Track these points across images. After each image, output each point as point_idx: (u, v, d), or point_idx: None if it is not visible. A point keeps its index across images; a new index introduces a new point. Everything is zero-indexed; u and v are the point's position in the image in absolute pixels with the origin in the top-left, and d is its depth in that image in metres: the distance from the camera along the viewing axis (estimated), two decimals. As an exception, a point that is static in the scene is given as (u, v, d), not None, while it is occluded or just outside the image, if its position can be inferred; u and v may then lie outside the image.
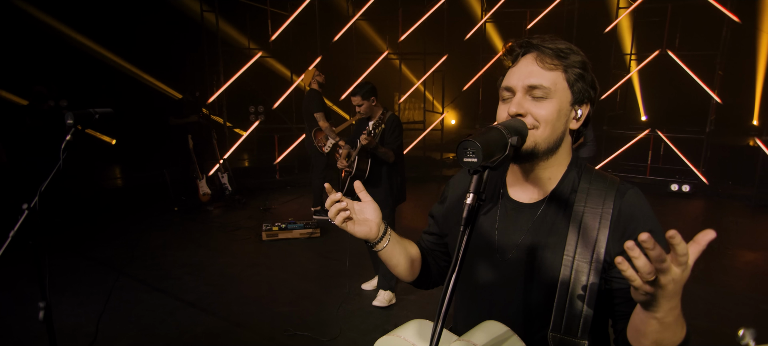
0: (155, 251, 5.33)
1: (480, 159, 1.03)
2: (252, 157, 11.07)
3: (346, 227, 1.26)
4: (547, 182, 1.24)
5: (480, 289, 1.27)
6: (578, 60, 1.18)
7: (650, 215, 1.15)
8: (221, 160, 7.61)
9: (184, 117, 7.20)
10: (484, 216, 1.31)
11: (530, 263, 1.19)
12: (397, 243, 1.35)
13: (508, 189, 1.31)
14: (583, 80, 1.18)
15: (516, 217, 1.25)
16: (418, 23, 9.92)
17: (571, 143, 1.26)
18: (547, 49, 1.18)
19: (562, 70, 1.16)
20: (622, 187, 1.19)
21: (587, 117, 1.24)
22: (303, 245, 5.62)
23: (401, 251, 1.36)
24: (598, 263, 1.11)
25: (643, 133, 8.60)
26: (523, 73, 1.18)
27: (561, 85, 1.16)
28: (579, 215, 1.16)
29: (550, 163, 1.23)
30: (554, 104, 1.15)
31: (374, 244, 1.31)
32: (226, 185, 7.42)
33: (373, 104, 4.03)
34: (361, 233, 1.28)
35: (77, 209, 6.84)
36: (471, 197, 1.06)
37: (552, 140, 1.18)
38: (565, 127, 1.20)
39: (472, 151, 1.06)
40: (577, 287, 1.11)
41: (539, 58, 1.17)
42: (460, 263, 1.02)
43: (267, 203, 7.38)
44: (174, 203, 7.06)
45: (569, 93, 1.18)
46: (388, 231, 1.32)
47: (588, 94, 1.20)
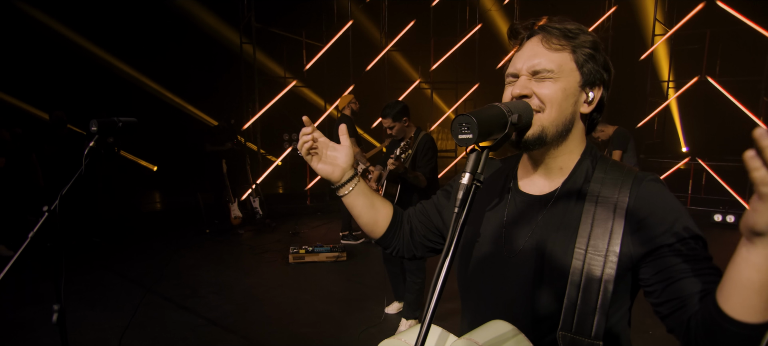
0: (184, 271, 5.36)
1: (475, 135, 0.93)
2: (285, 184, 11.19)
3: (309, 161, 1.33)
4: (558, 172, 1.13)
5: (486, 287, 1.15)
6: (588, 40, 1.08)
7: (673, 205, 1.01)
8: (254, 185, 7.69)
9: (219, 144, 7.36)
10: (492, 211, 1.20)
11: (539, 258, 1.07)
12: (362, 196, 1.36)
13: (519, 182, 1.20)
14: (594, 61, 1.08)
15: (525, 210, 1.14)
16: (450, 52, 9.93)
17: (583, 130, 1.15)
18: (553, 29, 1.08)
19: (569, 51, 1.07)
20: (640, 175, 1.06)
21: (601, 102, 1.13)
22: (329, 268, 5.53)
23: (365, 204, 1.37)
24: (613, 256, 0.98)
25: (683, 161, 8.19)
26: (527, 55, 1.09)
27: (568, 66, 1.07)
28: (592, 206, 1.03)
29: (561, 152, 1.12)
30: (560, 84, 1.06)
31: (336, 188, 1.35)
32: (257, 209, 7.47)
33: (406, 125, 3.74)
34: (322, 171, 1.33)
35: (115, 231, 7.01)
36: (467, 177, 0.96)
37: (560, 123, 1.07)
38: (574, 110, 1.09)
39: (466, 126, 0.96)
40: (590, 283, 0.98)
41: (545, 39, 1.08)
42: (453, 248, 0.93)
43: (296, 227, 7.36)
44: (206, 225, 7.14)
45: (578, 74, 1.07)
46: (354, 181, 1.34)
47: (600, 76, 1.09)
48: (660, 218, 0.98)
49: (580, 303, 0.98)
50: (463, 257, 1.22)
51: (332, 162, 1.33)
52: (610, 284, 0.97)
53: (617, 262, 0.98)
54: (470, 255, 1.19)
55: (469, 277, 1.20)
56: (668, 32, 8.52)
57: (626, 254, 0.99)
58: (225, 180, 7.16)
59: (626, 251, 0.99)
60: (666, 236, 0.96)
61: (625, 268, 1.00)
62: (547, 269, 1.05)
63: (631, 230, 0.99)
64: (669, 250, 0.95)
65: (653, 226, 0.98)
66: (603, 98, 1.12)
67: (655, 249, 0.96)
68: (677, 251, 0.95)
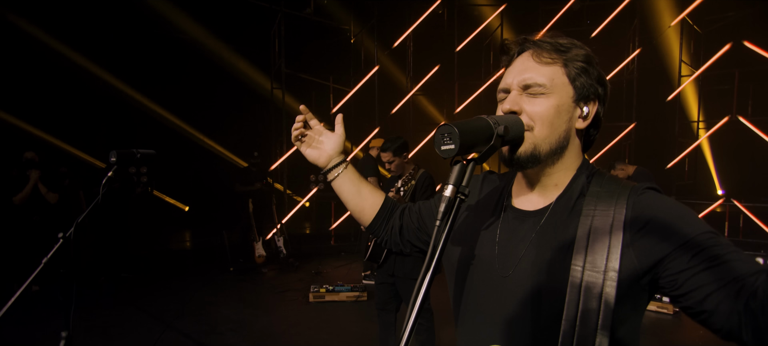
0: (205, 308, 5.32)
1: (457, 146, 0.87)
2: (312, 225, 11.20)
3: (298, 146, 1.41)
4: (553, 188, 1.06)
5: (481, 310, 1.06)
6: (581, 54, 1.03)
7: (675, 208, 0.92)
8: (279, 224, 7.70)
9: (249, 184, 7.47)
10: (486, 229, 1.12)
11: (534, 277, 0.98)
12: (349, 183, 1.38)
13: (513, 199, 1.13)
14: (587, 75, 1.02)
15: (518, 227, 1.06)
16: (474, 95, 9.94)
17: (580, 146, 1.08)
18: (544, 43, 1.04)
19: (561, 65, 1.02)
20: (637, 187, 0.98)
21: (597, 117, 1.06)
22: (349, 308, 5.39)
23: (351, 191, 1.39)
24: (612, 273, 0.88)
25: (717, 203, 7.79)
26: (517, 69, 1.04)
27: (560, 80, 1.01)
28: (588, 220, 0.95)
29: (557, 169, 1.05)
30: (552, 100, 1.00)
31: (324, 173, 1.39)
32: (281, 248, 7.44)
33: (405, 161, 3.73)
34: (309, 156, 1.39)
35: (143, 267, 7.09)
36: (449, 189, 0.90)
37: (554, 140, 1.01)
38: (568, 126, 1.02)
39: (448, 137, 0.90)
40: (589, 302, 0.89)
41: (536, 53, 1.03)
42: (436, 261, 0.86)
43: (319, 266, 7.28)
44: (231, 263, 7.15)
45: (571, 89, 1.02)
46: (341, 167, 1.37)
47: (594, 90, 1.03)
48: (665, 223, 0.89)
49: (580, 324, 0.88)
50: (457, 277, 1.13)
51: (319, 147, 1.39)
52: (610, 302, 0.87)
53: (617, 278, 0.88)
54: (464, 276, 1.11)
55: (463, 298, 1.11)
56: (695, 73, 8.31)
57: (628, 267, 0.89)
58: (251, 219, 7.21)
59: (628, 264, 0.89)
60: (677, 237, 0.86)
61: (629, 283, 0.90)
62: (543, 289, 0.96)
63: (631, 241, 0.90)
64: (687, 247, 0.85)
65: (659, 231, 0.89)
66: (599, 113, 1.06)
67: (670, 252, 0.86)
68: (698, 244, 0.84)
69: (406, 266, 3.44)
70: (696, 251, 0.84)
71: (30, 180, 5.50)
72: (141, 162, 2.47)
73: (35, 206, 5.65)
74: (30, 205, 5.61)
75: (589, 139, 1.10)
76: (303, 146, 1.40)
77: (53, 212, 5.82)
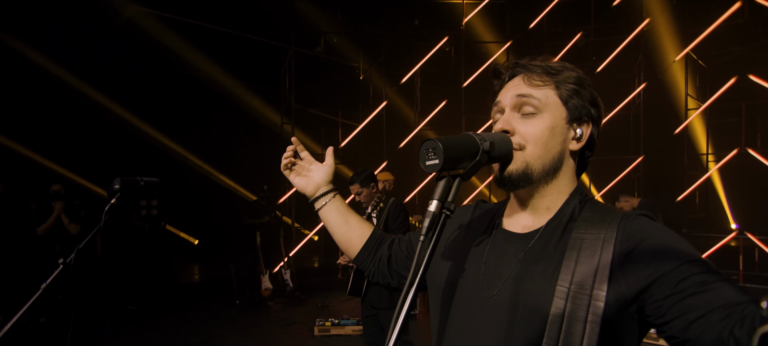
0: (210, 341, 5.25)
1: (441, 160, 0.87)
2: (320, 259, 11.11)
3: (287, 174, 1.43)
4: (545, 211, 1.03)
5: (462, 331, 1.02)
6: (572, 76, 1.03)
7: (666, 234, 0.89)
8: (286, 258, 7.66)
9: (257, 217, 7.48)
10: (475, 251, 1.09)
11: (517, 298, 0.94)
12: (336, 212, 1.38)
13: (504, 220, 1.10)
14: (579, 96, 1.01)
15: (507, 249, 1.03)
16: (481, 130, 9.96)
17: (574, 169, 1.06)
18: (535, 66, 1.04)
19: (553, 87, 1.01)
20: (630, 213, 0.96)
21: (591, 139, 1.05)
22: (354, 341, 5.29)
23: (338, 220, 1.38)
24: (600, 295, 0.85)
25: (730, 236, 7.61)
26: (510, 92, 1.04)
27: (553, 101, 1.01)
28: (578, 244, 0.92)
29: (549, 191, 1.03)
30: (545, 121, 0.99)
31: (311, 201, 1.41)
32: (288, 281, 7.37)
33: (373, 191, 3.79)
34: (297, 184, 1.42)
35: (149, 300, 7.04)
36: (434, 204, 0.89)
37: (547, 161, 1.00)
38: (562, 148, 1.01)
39: (433, 152, 0.89)
40: (573, 326, 0.85)
41: (527, 77, 1.03)
42: (419, 278, 0.84)
43: (326, 300, 7.18)
44: (237, 296, 7.08)
45: (564, 110, 1.01)
46: (329, 196, 1.38)
47: (587, 112, 1.02)
48: (655, 249, 0.86)
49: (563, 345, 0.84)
50: (442, 298, 1.10)
51: (307, 175, 1.42)
52: (596, 326, 0.83)
53: (604, 301, 0.84)
54: (449, 296, 1.07)
55: (447, 320, 1.07)
56: (701, 107, 8.28)
57: (616, 292, 0.85)
58: (258, 252, 7.19)
59: (616, 289, 0.86)
60: (666, 263, 0.83)
61: (617, 309, 0.85)
62: (526, 309, 0.92)
63: (621, 265, 0.87)
64: (675, 273, 0.81)
65: (648, 257, 0.85)
66: (593, 135, 1.05)
67: (657, 278, 0.83)
68: (686, 271, 0.81)
69: (383, 298, 3.46)
70: (683, 277, 0.80)
71: (54, 211, 5.58)
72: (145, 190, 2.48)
73: (57, 237, 5.72)
74: (52, 235, 5.67)
75: (583, 161, 1.08)
76: (292, 175, 1.44)
77: (73, 243, 5.86)
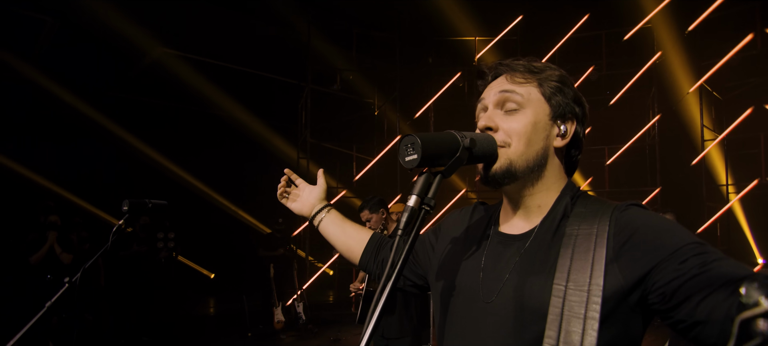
0: (220, 373, 5.18)
1: (420, 156, 0.87)
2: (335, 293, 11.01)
3: (284, 202, 1.55)
4: (536, 210, 1.03)
5: (463, 338, 1.01)
6: (555, 74, 1.04)
7: (660, 222, 0.88)
8: (299, 291, 7.60)
9: (272, 250, 7.50)
10: (472, 257, 1.08)
11: (516, 301, 0.93)
12: (333, 225, 1.45)
13: (500, 225, 1.10)
14: (562, 94, 1.02)
15: (503, 252, 1.02)
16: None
17: (561, 167, 1.05)
18: (518, 65, 1.05)
19: (536, 85, 1.02)
20: (622, 205, 0.94)
21: (577, 137, 1.05)
22: (365, 375, 5.16)
23: (336, 232, 1.44)
24: (597, 289, 0.83)
25: (757, 268, 7.31)
26: (493, 90, 1.05)
27: (535, 96, 1.02)
28: (571, 240, 0.91)
29: (538, 189, 1.02)
30: (528, 116, 1.00)
31: (310, 220, 1.49)
32: (300, 314, 7.30)
33: (383, 217, 3.72)
34: (294, 208, 1.52)
35: (163, 332, 7.03)
36: (413, 199, 0.89)
37: (531, 157, 0.99)
38: (546, 144, 1.01)
39: (411, 147, 0.90)
40: (571, 323, 0.83)
41: (510, 76, 1.05)
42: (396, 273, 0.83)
43: (339, 334, 7.07)
44: (249, 328, 7.03)
45: (547, 106, 1.02)
46: (324, 212, 1.46)
47: (571, 109, 1.03)
48: (649, 236, 0.85)
49: (562, 343, 0.82)
50: (442, 307, 1.09)
51: (301, 200, 1.52)
52: (594, 322, 0.81)
53: (602, 296, 0.82)
54: (448, 304, 1.07)
55: (447, 327, 1.06)
56: (718, 138, 8.13)
57: (613, 285, 0.84)
58: (272, 284, 7.16)
59: (613, 281, 0.84)
60: (662, 249, 0.82)
61: (615, 302, 0.84)
62: (525, 312, 0.91)
63: (615, 257, 0.85)
64: (674, 257, 0.80)
65: (643, 245, 0.84)
66: (578, 133, 1.05)
67: (656, 265, 0.81)
68: (684, 253, 0.80)
69: (393, 328, 3.29)
70: (683, 260, 0.79)
71: (47, 241, 5.66)
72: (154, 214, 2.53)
73: (50, 266, 5.77)
74: (45, 264, 5.73)
75: (571, 160, 1.08)
76: (288, 202, 1.55)
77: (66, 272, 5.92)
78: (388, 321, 3.35)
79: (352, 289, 3.88)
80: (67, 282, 2.22)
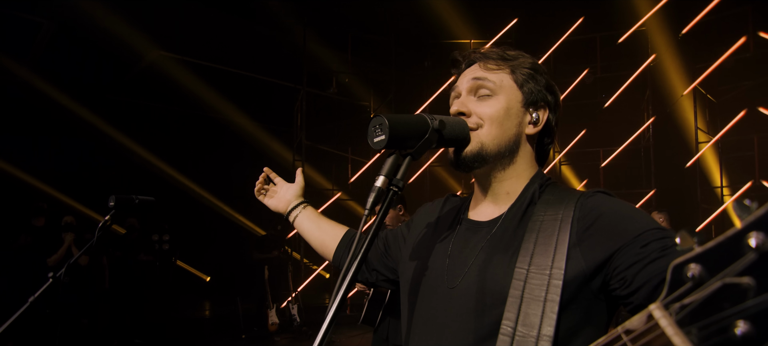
0: (212, 374, 5.13)
1: (387, 136, 0.85)
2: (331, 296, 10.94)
3: (261, 199, 1.57)
4: (505, 196, 1.02)
5: (427, 324, 0.99)
6: (528, 62, 1.04)
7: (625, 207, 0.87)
8: (294, 293, 7.56)
9: (266, 252, 7.45)
10: (441, 243, 1.07)
11: (479, 285, 0.91)
12: (308, 221, 1.45)
13: (469, 212, 1.09)
14: (534, 81, 1.02)
15: (471, 238, 1.01)
16: (489, 166, 9.92)
17: (532, 154, 1.05)
18: (492, 52, 1.06)
19: (508, 71, 1.03)
20: (588, 191, 0.93)
21: (549, 125, 1.04)
22: (358, 377, 5.12)
23: (310, 227, 1.43)
24: (558, 272, 0.81)
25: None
26: (467, 75, 1.06)
27: (508, 83, 1.02)
28: (536, 225, 0.90)
29: (508, 175, 1.01)
30: (500, 102, 1.00)
31: (285, 216, 1.50)
32: (295, 316, 7.25)
33: (400, 213, 3.60)
34: (270, 205, 1.54)
35: (157, 334, 6.98)
36: (380, 180, 0.86)
37: (502, 142, 0.99)
38: (518, 130, 1.01)
39: (380, 128, 0.88)
40: (531, 306, 0.81)
41: (483, 63, 1.05)
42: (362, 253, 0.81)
43: (333, 336, 7.02)
44: (243, 331, 6.98)
45: (519, 93, 1.02)
46: (300, 208, 1.47)
47: (543, 97, 1.03)
48: (612, 221, 0.83)
49: (520, 330, 0.80)
50: (409, 294, 1.07)
51: (278, 198, 1.53)
52: (554, 305, 0.79)
53: (563, 279, 0.80)
54: (415, 291, 1.05)
55: (413, 314, 1.04)
56: (712, 140, 8.13)
57: (575, 268, 0.82)
58: (266, 286, 7.12)
59: (575, 265, 0.82)
60: (624, 233, 0.80)
61: (577, 285, 0.82)
62: (487, 296, 0.89)
63: (578, 241, 0.84)
64: (635, 242, 0.78)
65: (605, 229, 0.83)
66: (551, 121, 1.04)
67: (617, 249, 0.80)
68: (645, 238, 0.78)
69: (397, 331, 3.18)
70: (644, 244, 0.77)
71: (64, 242, 5.62)
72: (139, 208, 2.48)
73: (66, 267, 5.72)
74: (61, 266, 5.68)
75: (542, 148, 1.07)
76: (265, 199, 1.57)
77: (82, 274, 5.88)
78: (396, 325, 3.24)
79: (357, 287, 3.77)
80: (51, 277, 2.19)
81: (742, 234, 0.46)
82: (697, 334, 0.47)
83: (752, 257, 0.45)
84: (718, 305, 0.46)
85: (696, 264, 0.49)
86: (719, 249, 0.48)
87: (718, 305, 0.46)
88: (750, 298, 0.44)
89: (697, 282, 0.49)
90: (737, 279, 0.45)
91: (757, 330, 0.43)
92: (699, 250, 0.50)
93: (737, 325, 0.44)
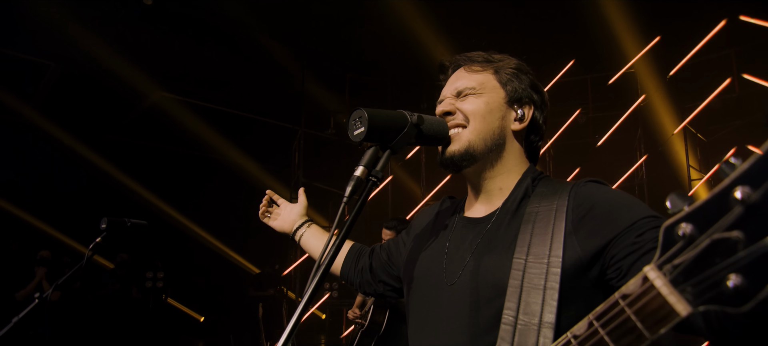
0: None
1: (366, 129, 0.86)
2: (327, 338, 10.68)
3: (266, 221, 1.61)
4: (498, 193, 1.04)
5: (429, 321, 1.01)
6: (512, 62, 1.09)
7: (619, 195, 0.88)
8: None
9: (262, 290, 7.34)
10: (436, 242, 1.09)
11: (477, 280, 0.93)
12: (313, 238, 1.47)
13: (465, 211, 1.12)
14: (518, 80, 1.06)
15: (466, 235, 1.03)
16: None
17: (521, 151, 1.06)
18: (476, 55, 1.11)
19: (492, 72, 1.07)
20: (582, 181, 0.92)
21: (535, 122, 1.07)
22: (353, 418, 4.90)
23: (316, 244, 1.45)
24: (556, 261, 0.82)
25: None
26: (451, 81, 1.10)
27: (491, 83, 1.05)
28: (532, 217, 0.91)
29: (498, 171, 1.03)
30: (483, 99, 1.03)
31: (291, 236, 1.52)
32: (289, 355, 7.04)
33: None
34: (275, 226, 1.57)
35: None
36: (359, 170, 0.86)
37: (488, 137, 1.01)
38: (502, 125, 1.03)
39: (359, 121, 0.89)
40: (531, 295, 0.81)
41: (468, 66, 1.09)
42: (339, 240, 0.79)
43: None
44: (237, 370, 6.77)
45: (502, 91, 1.05)
46: (305, 227, 1.49)
47: (528, 95, 1.06)
48: (607, 209, 0.85)
49: (521, 319, 0.80)
50: (410, 294, 1.10)
51: (282, 219, 1.57)
52: (554, 292, 0.79)
53: (561, 267, 0.81)
54: (415, 291, 1.07)
55: (414, 314, 1.06)
56: (704, 177, 8.16)
57: (572, 257, 0.83)
58: (260, 324, 6.96)
59: (572, 254, 0.83)
60: (620, 222, 0.81)
61: (575, 274, 0.82)
62: (485, 290, 0.90)
63: (574, 230, 0.85)
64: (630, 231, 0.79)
65: (601, 217, 0.84)
66: (537, 119, 1.07)
67: (613, 238, 0.80)
68: (641, 227, 0.79)
69: None
70: (640, 233, 0.78)
71: (36, 277, 5.51)
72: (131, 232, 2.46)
73: None
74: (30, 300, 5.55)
75: (532, 146, 1.08)
76: (269, 221, 1.60)
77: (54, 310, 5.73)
78: None
79: (349, 315, 3.74)
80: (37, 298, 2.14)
81: (729, 189, 0.46)
82: (691, 291, 0.47)
83: (739, 210, 0.45)
84: (709, 261, 0.46)
85: (686, 223, 0.50)
86: (708, 206, 0.48)
87: (710, 260, 0.45)
88: (740, 251, 0.43)
89: (688, 240, 0.48)
90: (726, 234, 0.44)
91: (749, 281, 0.42)
92: (688, 209, 0.50)
93: (729, 278, 0.43)
